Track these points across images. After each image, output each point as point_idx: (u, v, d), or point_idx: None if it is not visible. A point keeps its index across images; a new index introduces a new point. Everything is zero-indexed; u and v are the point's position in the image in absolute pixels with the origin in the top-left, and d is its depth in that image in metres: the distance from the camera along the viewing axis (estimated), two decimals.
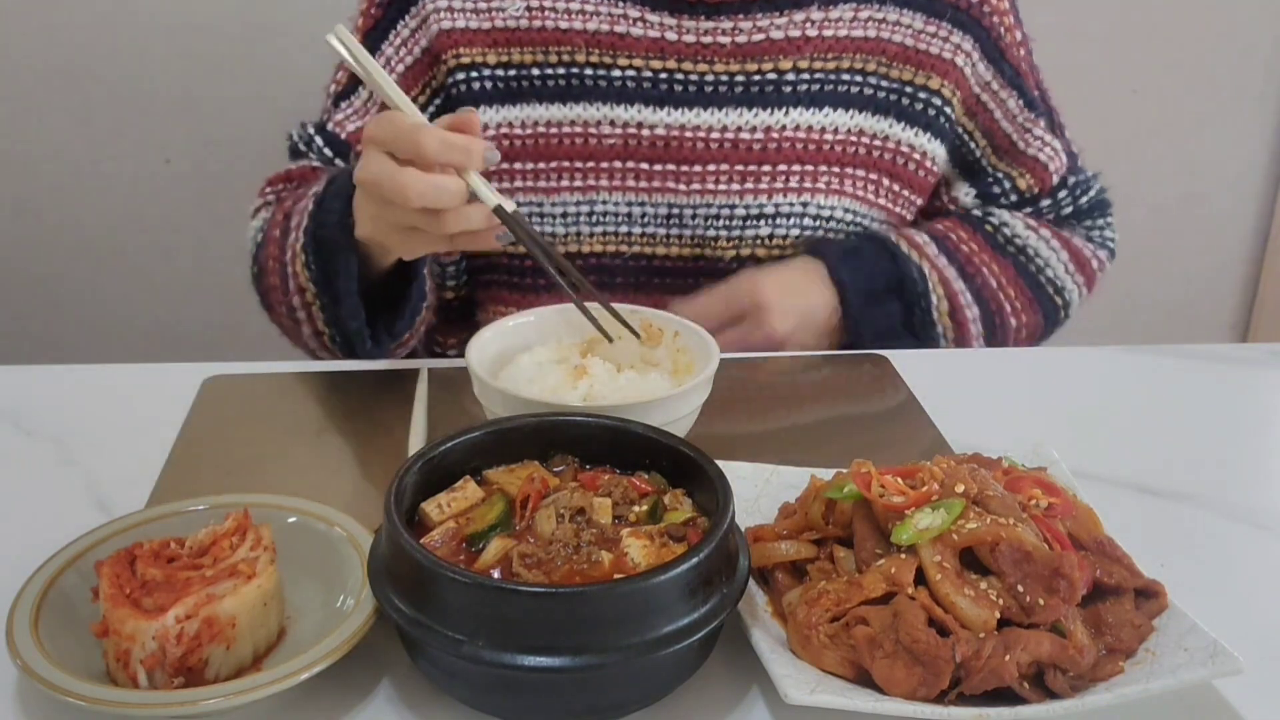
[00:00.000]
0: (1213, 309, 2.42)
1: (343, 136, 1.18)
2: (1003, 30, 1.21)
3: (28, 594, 0.68)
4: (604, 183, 1.16)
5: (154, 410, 0.97)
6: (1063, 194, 1.27)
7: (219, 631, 0.65)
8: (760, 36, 1.15)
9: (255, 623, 0.67)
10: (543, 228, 1.18)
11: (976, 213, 1.26)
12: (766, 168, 1.16)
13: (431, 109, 1.17)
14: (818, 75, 1.16)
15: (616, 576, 0.65)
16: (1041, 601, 0.65)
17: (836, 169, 1.17)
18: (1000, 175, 1.25)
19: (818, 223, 1.18)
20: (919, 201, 1.23)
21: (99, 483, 0.87)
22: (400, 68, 1.17)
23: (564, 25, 1.14)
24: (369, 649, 0.68)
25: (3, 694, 0.66)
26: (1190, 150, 2.26)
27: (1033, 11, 1.26)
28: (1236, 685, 0.67)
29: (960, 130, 1.23)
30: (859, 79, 1.17)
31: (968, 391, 1.06)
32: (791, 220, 1.17)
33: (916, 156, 1.20)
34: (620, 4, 1.14)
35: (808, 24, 1.15)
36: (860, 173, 1.18)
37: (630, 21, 1.14)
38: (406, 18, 1.16)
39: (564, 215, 1.17)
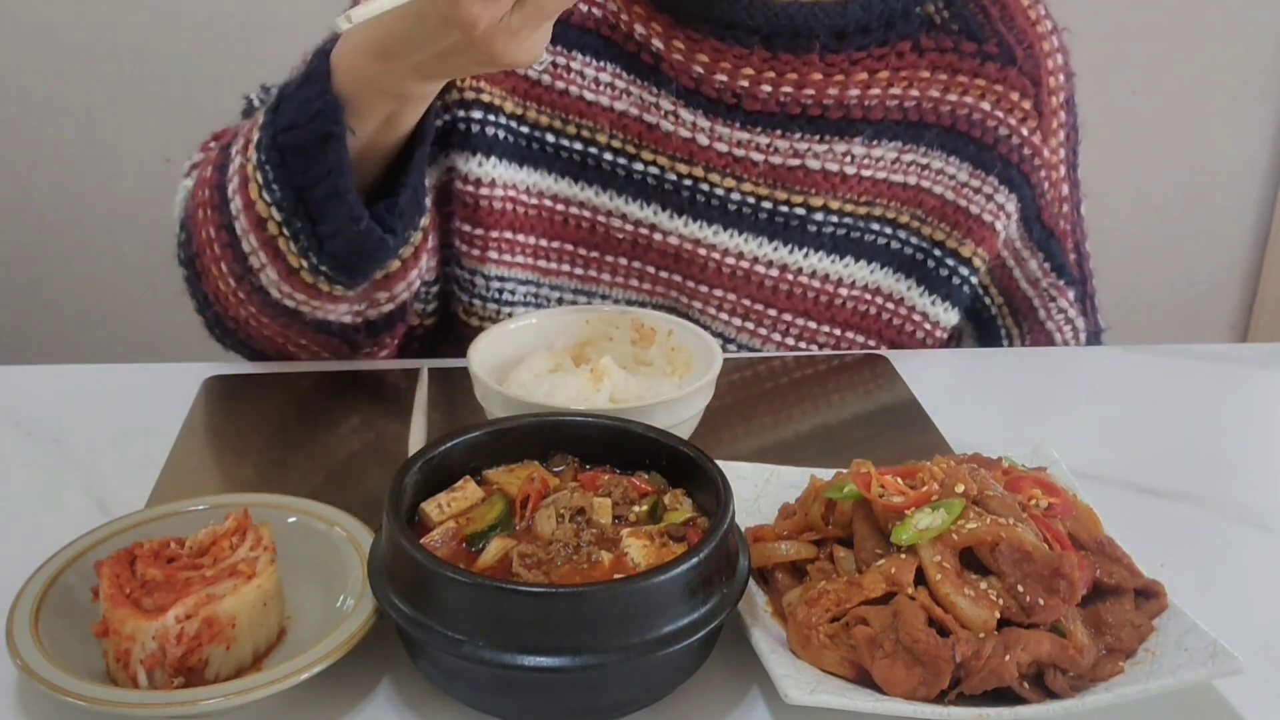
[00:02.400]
0: (1213, 309, 2.42)
1: None
2: (1047, 186, 1.10)
3: (28, 594, 0.68)
4: (606, 276, 1.10)
5: (154, 410, 0.97)
6: None
7: (219, 631, 0.65)
8: (796, 163, 1.05)
9: (255, 623, 0.67)
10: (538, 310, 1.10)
11: None
12: (772, 312, 1.09)
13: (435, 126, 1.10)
14: (847, 219, 1.07)
15: (616, 576, 0.65)
16: (1041, 601, 0.65)
17: (838, 331, 1.11)
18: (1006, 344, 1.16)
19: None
20: None
21: (99, 483, 0.87)
22: None
23: (589, 96, 1.05)
24: (369, 649, 0.68)
25: (3, 694, 0.66)
26: (1190, 150, 2.27)
27: None
28: (1236, 685, 0.67)
29: (980, 290, 1.14)
30: (889, 230, 1.08)
31: (968, 391, 1.06)
32: None
33: (927, 326, 1.11)
34: (654, 91, 1.04)
35: (847, 159, 1.05)
36: (859, 339, 1.11)
37: (661, 114, 1.04)
38: None
39: (559, 301, 1.11)
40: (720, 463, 0.72)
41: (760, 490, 0.81)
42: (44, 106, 1.94)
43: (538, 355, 0.92)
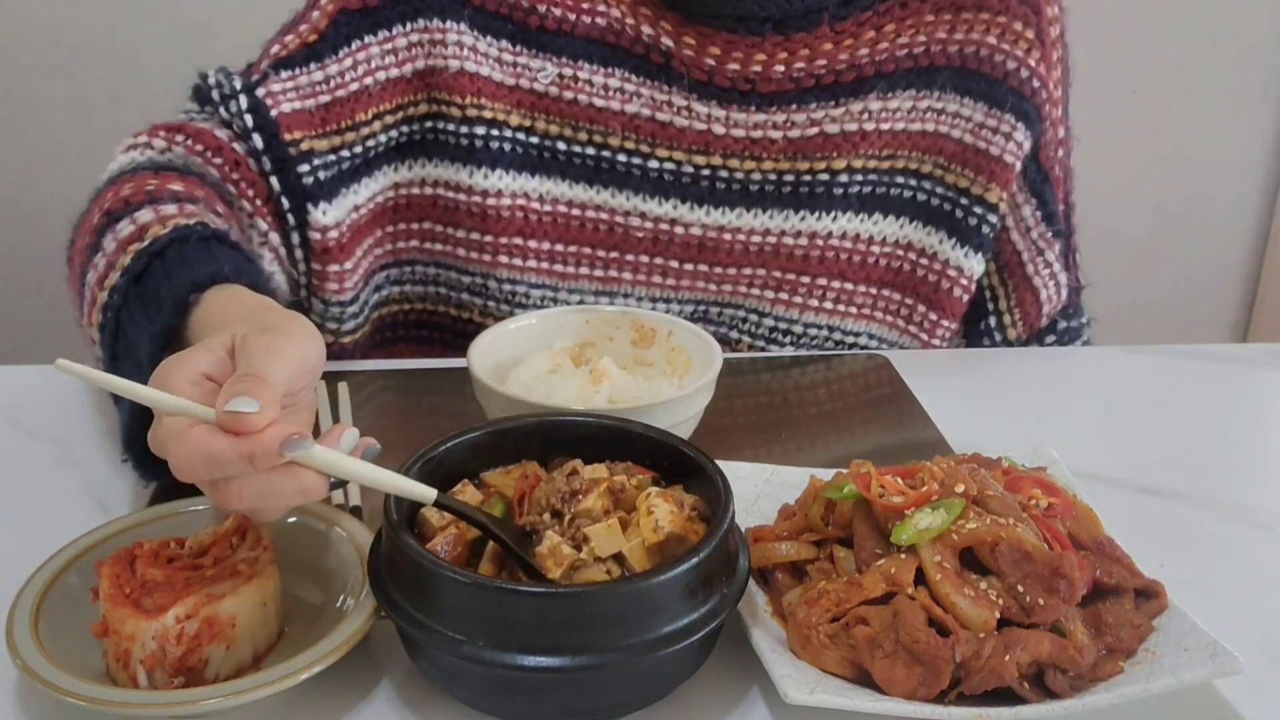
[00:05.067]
0: (1213, 309, 2.42)
1: (273, 114, 0.99)
2: (1049, 124, 1.09)
3: (28, 594, 0.68)
4: (627, 276, 1.09)
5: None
6: (1049, 339, 1.16)
7: (219, 631, 0.65)
8: (814, 131, 1.05)
9: (255, 623, 0.67)
10: None
11: None
12: (805, 279, 1.09)
13: (395, 134, 1.05)
14: (871, 176, 1.07)
15: (617, 578, 0.65)
16: (1041, 601, 0.65)
17: (874, 290, 1.10)
18: (994, 315, 1.14)
19: (839, 348, 1.12)
20: (954, 328, 1.13)
21: (99, 483, 0.87)
22: (381, 75, 1.02)
23: (599, 103, 1.04)
24: (369, 649, 0.68)
25: (3, 694, 0.66)
26: (1190, 150, 2.26)
27: None
28: (1236, 685, 0.67)
29: None
30: (913, 182, 1.08)
31: (968, 391, 1.06)
32: (815, 342, 1.11)
33: (964, 281, 1.10)
34: (665, 89, 1.04)
35: (865, 116, 1.05)
36: (896, 296, 1.11)
37: (674, 110, 1.04)
38: (407, 25, 1.02)
39: (580, 304, 1.08)
40: (720, 463, 0.72)
41: (760, 490, 0.81)
42: (44, 106, 1.94)
43: (537, 356, 0.92)
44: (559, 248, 1.08)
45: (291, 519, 0.75)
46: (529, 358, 0.92)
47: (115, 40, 1.91)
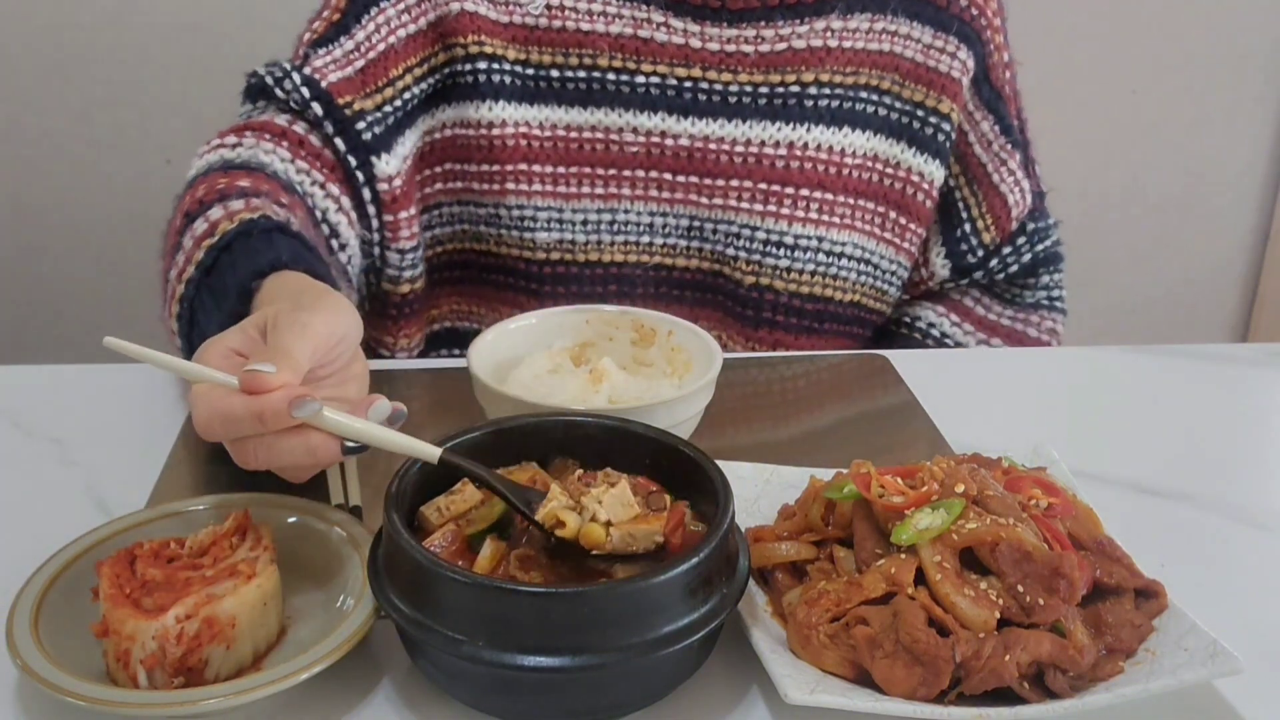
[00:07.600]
0: (1213, 309, 2.42)
1: (323, 84, 1.08)
2: (993, 48, 1.19)
3: (28, 594, 0.68)
4: (626, 191, 1.16)
5: (154, 410, 0.97)
6: (1021, 240, 1.23)
7: (219, 631, 0.65)
8: (783, 46, 1.14)
9: (255, 623, 0.67)
10: (562, 234, 1.16)
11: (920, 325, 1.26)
12: (789, 190, 1.15)
13: (424, 85, 1.12)
14: (838, 90, 1.15)
15: (616, 575, 0.65)
16: (1041, 601, 0.65)
17: (851, 199, 1.17)
18: (968, 222, 1.22)
19: (830, 259, 1.17)
20: (921, 233, 1.21)
21: (99, 483, 0.87)
22: (402, 33, 1.11)
23: (585, 27, 1.13)
24: (369, 649, 0.68)
25: (3, 694, 0.66)
26: (1190, 150, 2.26)
27: (1033, 11, 1.26)
28: (1236, 685, 0.67)
29: None
30: (875, 97, 1.16)
31: (968, 391, 1.06)
32: (808, 254, 1.16)
33: (925, 185, 1.19)
34: (644, 8, 1.12)
35: (828, 33, 1.14)
36: (870, 205, 1.18)
37: (654, 26, 1.13)
38: None
39: (584, 222, 1.16)
40: (720, 463, 0.72)
41: (760, 490, 0.81)
42: (44, 106, 1.94)
43: (537, 356, 0.92)
44: (561, 170, 1.15)
45: (291, 518, 0.75)
46: (529, 358, 0.92)
47: (115, 40, 1.92)
